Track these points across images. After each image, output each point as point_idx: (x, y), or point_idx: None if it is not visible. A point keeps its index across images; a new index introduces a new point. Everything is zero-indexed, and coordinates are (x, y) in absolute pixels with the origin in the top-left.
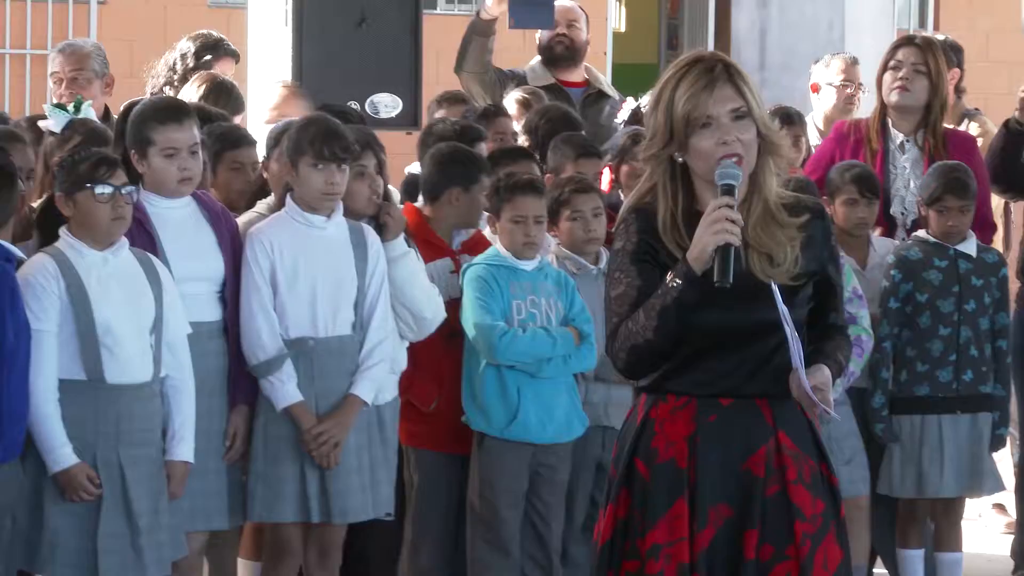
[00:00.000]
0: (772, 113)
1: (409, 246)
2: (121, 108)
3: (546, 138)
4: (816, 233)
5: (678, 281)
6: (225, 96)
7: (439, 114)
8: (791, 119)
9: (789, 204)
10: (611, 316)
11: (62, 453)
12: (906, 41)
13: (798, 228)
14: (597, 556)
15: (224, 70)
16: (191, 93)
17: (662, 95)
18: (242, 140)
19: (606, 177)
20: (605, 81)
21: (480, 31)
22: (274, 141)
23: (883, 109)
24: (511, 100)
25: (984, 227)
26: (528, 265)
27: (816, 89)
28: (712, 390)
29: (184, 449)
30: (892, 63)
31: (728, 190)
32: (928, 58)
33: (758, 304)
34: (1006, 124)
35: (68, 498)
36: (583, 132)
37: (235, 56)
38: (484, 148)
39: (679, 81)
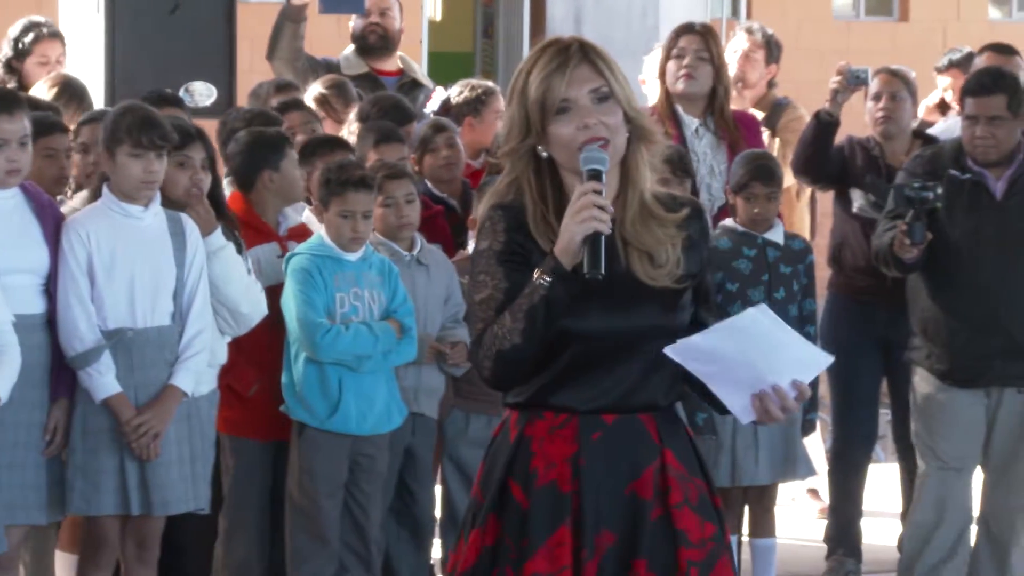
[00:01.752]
0: None
1: (230, 239)
2: None
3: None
4: (695, 232)
5: (546, 278)
6: (76, 97)
7: (272, 102)
8: None
9: (664, 199)
10: (475, 322)
11: None
12: (686, 29)
13: (677, 225)
14: None
15: (47, 54)
16: (42, 92)
17: (516, 83)
18: (55, 127)
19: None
20: (420, 70)
21: (291, 17)
22: (74, 133)
23: (668, 97)
24: (311, 97)
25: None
26: (352, 255)
27: (643, 83)
28: (594, 405)
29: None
30: (675, 51)
31: (594, 175)
32: (710, 44)
33: (641, 308)
34: (816, 115)
35: None
36: (414, 121)
37: (60, 37)
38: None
39: (532, 66)
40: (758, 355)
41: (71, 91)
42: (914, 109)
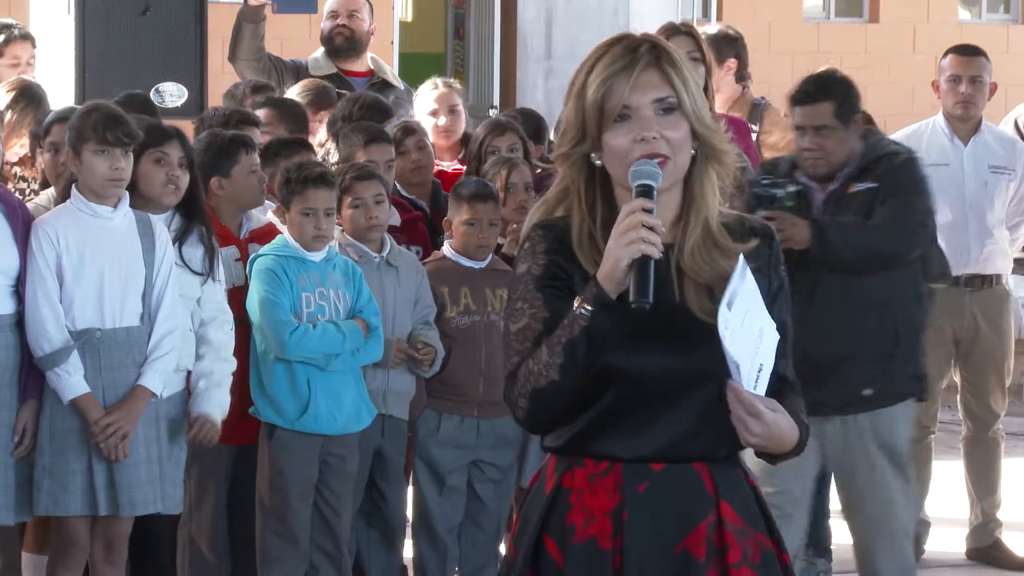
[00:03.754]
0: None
1: (205, 243)
2: None
3: (303, 123)
4: (762, 263)
5: (587, 307)
6: (34, 101)
7: (248, 102)
8: None
9: (732, 225)
10: (510, 355)
11: None
12: (675, 30)
13: (745, 256)
14: None
15: (19, 55)
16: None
17: (575, 81)
18: None
19: None
20: (391, 71)
21: (249, 18)
22: (44, 132)
23: None
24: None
25: None
26: (317, 256)
27: None
28: (641, 452)
29: None
30: None
31: (644, 191)
32: (701, 46)
33: (696, 347)
34: None
35: None
36: (391, 118)
37: (30, 39)
38: (257, 132)
39: (594, 64)
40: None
41: (29, 95)
42: None
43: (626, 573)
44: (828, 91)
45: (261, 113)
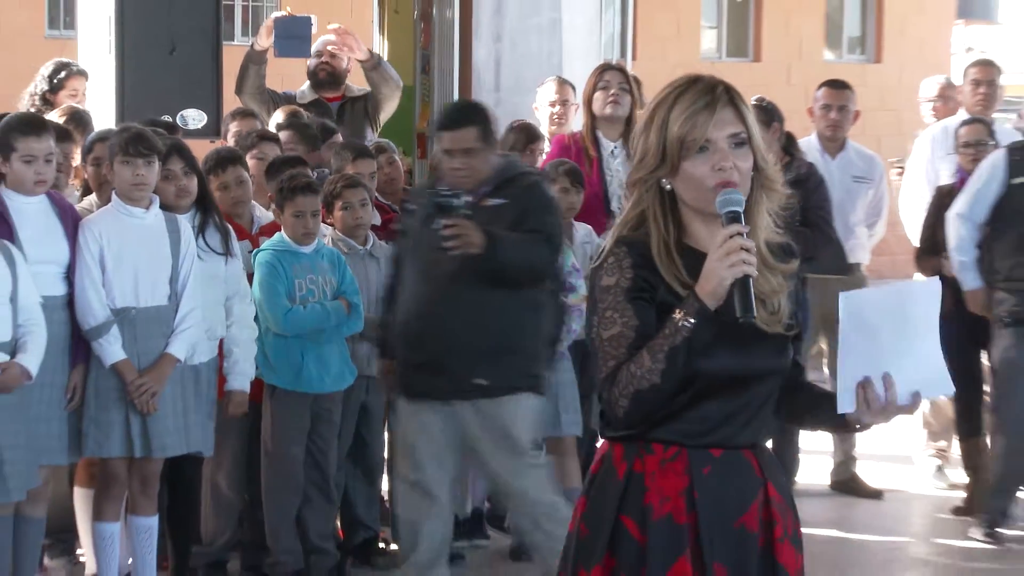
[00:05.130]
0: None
1: (222, 232)
2: None
3: (315, 141)
4: (797, 282)
5: (691, 320)
6: (81, 124)
7: (233, 125)
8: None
9: (775, 249)
10: (606, 359)
11: None
12: (608, 67)
13: (786, 275)
14: None
15: (76, 87)
16: (54, 119)
17: (656, 114)
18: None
19: None
20: (356, 88)
21: (255, 60)
22: (87, 150)
23: (592, 122)
24: (274, 124)
25: None
26: (307, 248)
27: (536, 109)
28: (704, 440)
29: (31, 364)
30: (601, 84)
31: (735, 217)
32: (628, 79)
33: (758, 350)
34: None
35: None
36: (339, 135)
37: (84, 75)
38: (276, 147)
39: (676, 100)
40: (904, 330)
41: (77, 119)
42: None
43: (701, 544)
44: (471, 118)
45: (284, 135)
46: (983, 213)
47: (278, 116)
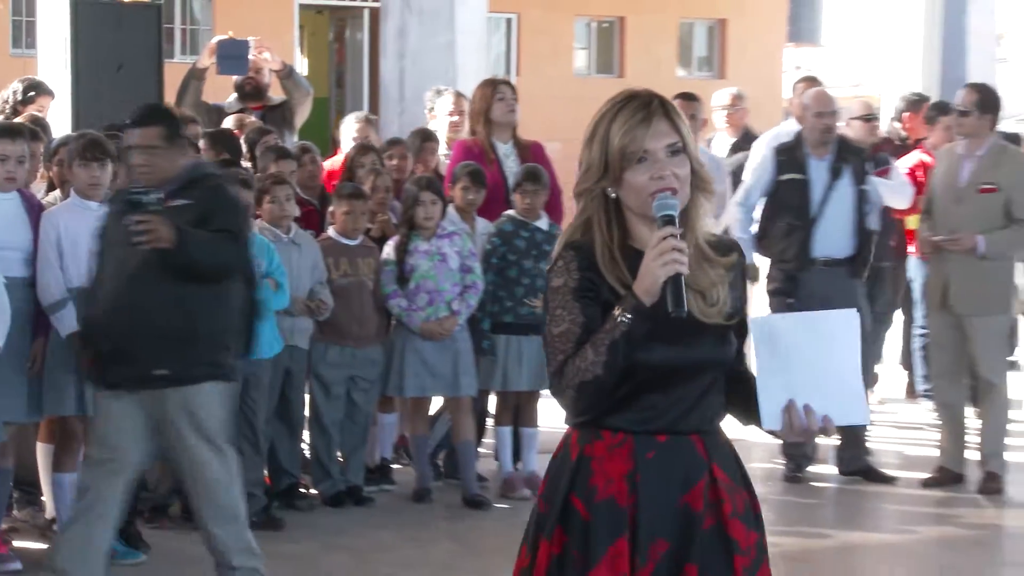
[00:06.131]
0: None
1: None
2: None
3: (254, 145)
4: (737, 273)
5: (628, 316)
6: (42, 130)
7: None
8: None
9: (714, 243)
10: (555, 354)
11: None
12: (504, 82)
13: (726, 268)
14: None
15: (43, 104)
16: None
17: (597, 129)
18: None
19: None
20: (275, 98)
21: (196, 76)
22: (52, 153)
23: (487, 129)
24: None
25: (554, 212)
26: None
27: (433, 117)
28: (649, 427)
29: None
30: (499, 95)
31: (669, 220)
32: (514, 90)
33: (698, 342)
34: None
35: None
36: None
37: (51, 94)
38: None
39: (615, 115)
40: (821, 358)
41: (39, 126)
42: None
43: (639, 524)
44: (156, 118)
45: (202, 142)
46: (755, 201)
47: (229, 123)
